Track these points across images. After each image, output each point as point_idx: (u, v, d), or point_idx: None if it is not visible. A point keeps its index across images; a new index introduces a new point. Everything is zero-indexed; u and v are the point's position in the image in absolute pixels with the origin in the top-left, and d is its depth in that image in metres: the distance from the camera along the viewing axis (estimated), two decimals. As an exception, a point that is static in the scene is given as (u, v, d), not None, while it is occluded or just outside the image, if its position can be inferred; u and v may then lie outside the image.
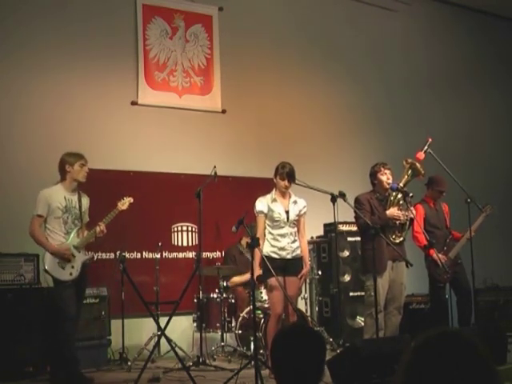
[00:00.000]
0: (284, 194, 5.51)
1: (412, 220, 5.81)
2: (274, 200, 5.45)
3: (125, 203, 5.48)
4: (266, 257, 5.16)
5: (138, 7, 7.47)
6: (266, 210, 5.44)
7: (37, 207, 5.20)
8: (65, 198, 5.25)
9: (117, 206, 5.43)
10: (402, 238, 5.70)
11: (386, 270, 5.55)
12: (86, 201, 5.43)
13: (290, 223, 5.44)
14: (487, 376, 1.29)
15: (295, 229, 5.50)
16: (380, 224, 5.46)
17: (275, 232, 5.42)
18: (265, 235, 5.44)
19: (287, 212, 5.45)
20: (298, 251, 5.48)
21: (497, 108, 10.18)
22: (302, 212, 5.55)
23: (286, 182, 5.41)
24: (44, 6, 6.90)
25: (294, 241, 5.47)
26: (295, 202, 5.53)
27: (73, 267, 5.19)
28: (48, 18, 6.91)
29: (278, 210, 5.42)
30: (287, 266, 5.34)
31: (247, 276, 6.47)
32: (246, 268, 6.43)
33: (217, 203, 7.21)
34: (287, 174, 5.41)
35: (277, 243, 5.39)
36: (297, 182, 5.44)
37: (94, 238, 5.38)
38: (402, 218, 5.63)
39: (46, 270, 5.16)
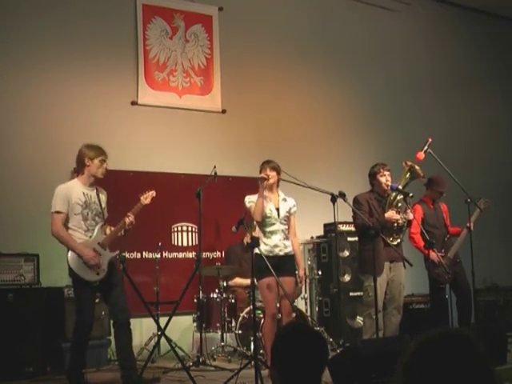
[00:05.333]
0: (272, 191, 5.51)
1: (410, 221, 5.82)
2: (264, 197, 5.43)
3: (147, 197, 5.15)
4: (259, 255, 5.15)
5: (138, 7, 7.47)
6: None
7: (54, 204, 4.82)
8: (83, 193, 4.91)
9: (140, 200, 5.11)
10: (399, 240, 5.70)
11: (383, 271, 5.55)
12: (104, 196, 5.10)
13: (281, 220, 5.45)
14: (486, 376, 1.29)
15: (286, 226, 5.51)
16: (378, 226, 5.46)
17: (267, 229, 5.42)
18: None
19: (277, 209, 5.47)
20: (291, 249, 5.48)
21: (497, 108, 10.19)
22: (292, 211, 5.57)
23: (266, 171, 5.42)
24: (44, 6, 6.90)
25: (286, 238, 5.47)
26: (285, 200, 5.55)
27: (99, 267, 4.85)
28: (48, 17, 6.91)
29: (269, 206, 5.43)
30: (280, 265, 5.29)
31: (249, 281, 6.46)
32: (250, 267, 6.42)
33: (217, 203, 7.21)
34: (266, 164, 5.46)
35: (269, 241, 5.39)
36: (298, 182, 5.43)
37: (124, 231, 5.04)
38: (400, 221, 5.64)
39: (70, 269, 4.82)
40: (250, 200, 5.44)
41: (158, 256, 6.73)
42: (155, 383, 5.12)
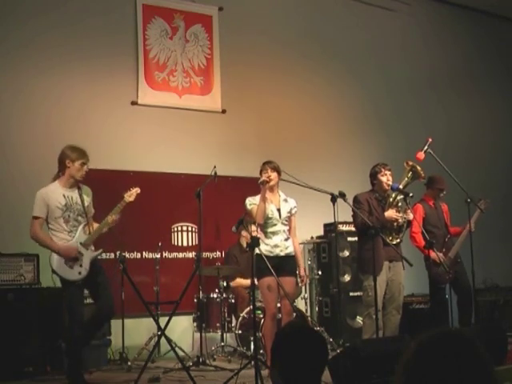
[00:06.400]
0: (273, 192, 5.51)
1: (410, 221, 5.82)
2: (266, 198, 5.41)
3: (132, 194, 5.19)
4: (259, 255, 5.15)
5: (138, 7, 7.47)
6: None
7: (34, 209, 4.96)
8: (64, 195, 5.00)
9: (123, 197, 5.16)
10: (398, 240, 5.70)
11: (382, 270, 5.55)
12: (87, 193, 5.17)
13: (282, 220, 5.46)
14: (486, 376, 1.29)
15: (287, 227, 5.52)
16: (378, 225, 5.47)
17: (268, 230, 5.42)
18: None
19: (279, 210, 5.47)
20: (291, 249, 5.49)
21: (497, 108, 10.18)
22: (293, 211, 5.58)
23: (267, 172, 5.41)
24: (43, 6, 6.90)
25: (287, 239, 5.48)
26: (286, 201, 5.56)
27: (81, 266, 4.95)
28: (48, 17, 6.91)
29: (270, 207, 5.44)
30: (281, 265, 5.30)
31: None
32: (248, 267, 6.43)
33: (217, 203, 7.21)
34: (266, 164, 5.46)
35: (270, 241, 5.40)
36: (298, 181, 5.43)
37: (107, 228, 5.13)
38: (400, 220, 5.64)
39: (53, 271, 4.96)
40: (251, 202, 5.44)
41: (158, 256, 6.73)
42: (155, 383, 5.12)
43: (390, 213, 5.62)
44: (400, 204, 5.70)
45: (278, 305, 5.59)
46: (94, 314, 5.13)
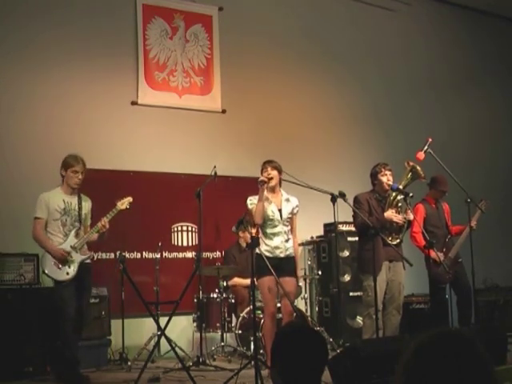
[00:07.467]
0: (275, 191, 5.49)
1: (410, 221, 5.82)
2: (266, 199, 5.41)
3: (124, 203, 5.45)
4: (259, 255, 5.15)
5: (138, 7, 7.47)
6: None
7: (36, 210, 5.25)
8: (63, 200, 5.29)
9: (116, 205, 5.41)
10: (398, 240, 5.70)
11: (381, 271, 5.55)
12: (87, 204, 5.44)
13: (283, 221, 5.43)
14: (486, 376, 1.29)
15: (288, 227, 5.48)
16: (378, 226, 5.47)
17: (269, 231, 5.40)
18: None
19: (280, 210, 5.44)
20: (291, 250, 5.47)
21: (497, 108, 10.18)
22: (295, 211, 5.54)
23: (268, 171, 5.41)
24: (44, 6, 6.90)
25: (288, 240, 5.44)
26: (288, 200, 5.52)
27: (69, 267, 5.20)
28: (48, 17, 6.91)
29: (271, 208, 5.41)
30: (280, 266, 5.27)
31: (249, 281, 6.47)
32: (246, 267, 6.43)
33: (217, 203, 7.21)
34: (267, 163, 5.45)
35: (270, 242, 5.37)
36: (298, 181, 5.42)
37: (97, 234, 5.36)
38: (400, 221, 5.64)
39: (44, 272, 5.23)
40: (252, 202, 5.42)
41: (158, 256, 6.73)
42: (155, 383, 5.13)
43: (389, 213, 5.62)
44: (400, 204, 5.70)
45: (278, 305, 5.58)
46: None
